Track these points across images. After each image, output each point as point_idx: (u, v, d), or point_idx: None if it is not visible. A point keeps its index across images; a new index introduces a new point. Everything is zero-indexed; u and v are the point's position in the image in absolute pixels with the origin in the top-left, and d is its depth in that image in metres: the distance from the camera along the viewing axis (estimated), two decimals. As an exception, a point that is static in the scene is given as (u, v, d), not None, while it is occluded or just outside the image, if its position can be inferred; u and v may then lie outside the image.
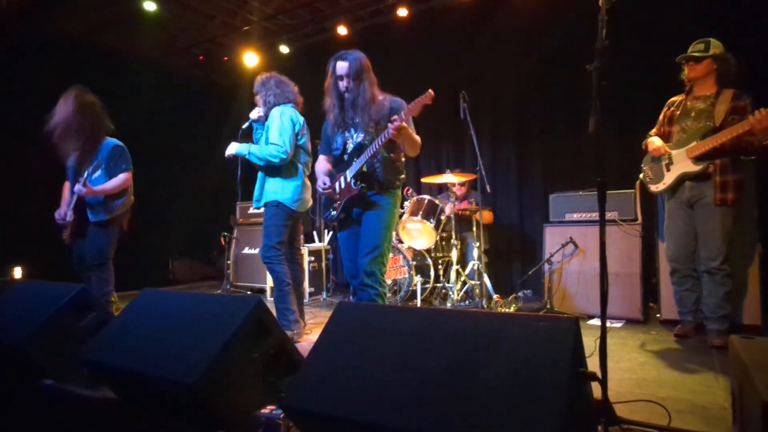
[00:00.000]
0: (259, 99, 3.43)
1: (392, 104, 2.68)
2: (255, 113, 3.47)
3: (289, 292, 3.27)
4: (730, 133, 2.76)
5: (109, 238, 3.48)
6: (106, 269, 3.43)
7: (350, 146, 2.71)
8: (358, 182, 2.61)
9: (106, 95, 5.97)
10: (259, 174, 3.40)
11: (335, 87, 2.69)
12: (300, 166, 3.38)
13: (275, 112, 3.30)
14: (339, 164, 2.78)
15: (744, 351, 1.40)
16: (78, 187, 3.28)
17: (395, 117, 2.42)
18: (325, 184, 2.76)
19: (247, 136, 3.51)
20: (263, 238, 3.31)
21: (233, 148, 3.30)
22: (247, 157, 3.28)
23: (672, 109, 3.16)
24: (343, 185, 2.68)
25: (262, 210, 3.37)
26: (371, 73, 2.69)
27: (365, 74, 2.66)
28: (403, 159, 2.79)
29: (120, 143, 3.64)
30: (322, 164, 2.90)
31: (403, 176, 2.78)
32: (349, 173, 2.65)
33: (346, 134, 2.74)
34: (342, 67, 2.66)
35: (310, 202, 3.47)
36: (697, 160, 2.93)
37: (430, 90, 2.38)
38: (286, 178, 3.30)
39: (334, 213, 2.75)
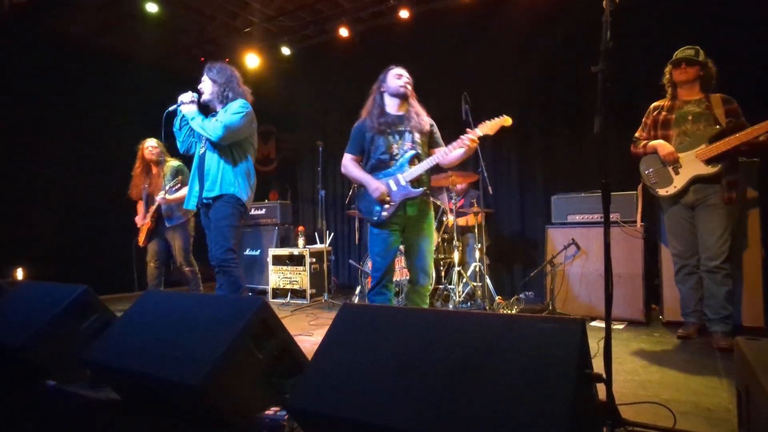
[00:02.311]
0: (209, 84, 3.14)
1: (429, 118, 2.93)
2: (188, 96, 3.13)
3: None
4: (748, 135, 2.78)
5: (187, 237, 4.35)
6: (190, 264, 4.35)
7: (397, 151, 2.80)
8: (417, 186, 2.76)
9: (107, 96, 6.04)
10: (218, 160, 3.04)
11: (394, 87, 2.84)
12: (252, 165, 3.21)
13: (234, 102, 3.06)
14: (382, 168, 2.82)
15: (750, 353, 1.39)
16: (159, 197, 4.16)
17: (470, 130, 2.69)
18: (384, 185, 2.78)
19: (170, 120, 3.25)
20: (217, 237, 3.00)
21: (187, 106, 3.06)
22: (189, 118, 3.05)
23: (664, 113, 3.16)
24: (396, 187, 2.76)
25: (261, 210, 3.18)
26: None
27: None
28: None
29: (180, 163, 4.42)
30: (356, 164, 2.92)
31: None
32: (405, 178, 2.75)
33: (390, 139, 2.81)
34: (402, 73, 2.88)
35: None
36: (709, 162, 2.94)
37: (508, 117, 2.72)
38: (245, 173, 3.10)
39: (385, 213, 2.75)
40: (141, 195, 4.44)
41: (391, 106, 2.87)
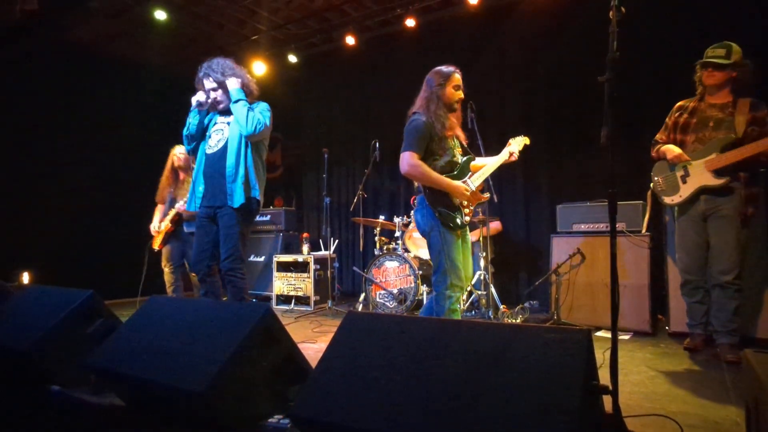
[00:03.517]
0: (236, 81, 3.03)
1: None
2: (202, 96, 3.04)
3: None
4: (758, 147, 2.66)
5: None
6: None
7: (457, 156, 2.76)
8: (483, 192, 2.81)
9: (115, 102, 6.09)
10: (235, 163, 2.91)
11: (454, 95, 2.73)
12: None
13: (260, 103, 3.07)
14: (447, 172, 2.70)
15: (759, 365, 1.38)
16: (179, 204, 4.17)
17: (512, 143, 2.93)
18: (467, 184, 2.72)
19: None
20: (228, 244, 2.86)
21: (232, 82, 2.95)
22: (234, 99, 2.91)
23: (685, 116, 3.02)
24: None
25: (266, 216, 3.03)
26: None
27: None
28: None
29: None
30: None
31: None
32: (474, 184, 2.73)
33: (451, 142, 2.76)
34: (461, 79, 2.77)
35: None
36: (717, 173, 2.82)
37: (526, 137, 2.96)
38: (260, 177, 2.99)
39: (467, 218, 2.70)
40: (165, 199, 4.42)
41: (454, 113, 2.77)
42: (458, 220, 2.66)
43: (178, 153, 4.42)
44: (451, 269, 2.61)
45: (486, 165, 2.86)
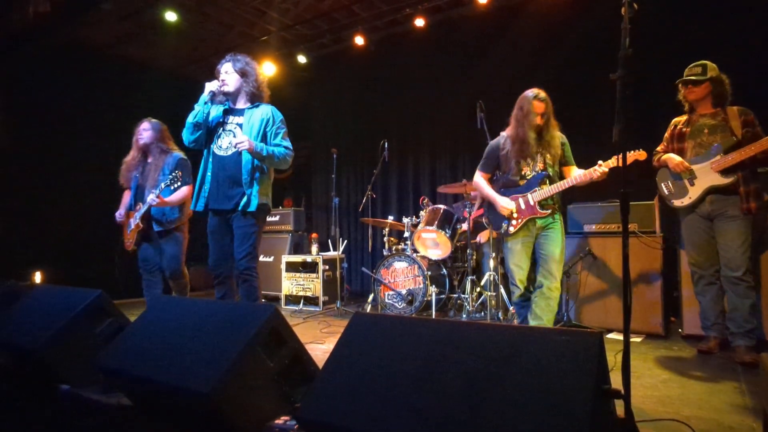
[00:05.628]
0: (236, 77, 3.14)
1: (561, 139, 3.09)
2: (215, 85, 3.05)
3: None
4: (763, 146, 2.79)
5: (180, 246, 3.75)
6: (182, 276, 3.77)
7: (528, 173, 3.01)
8: (544, 207, 2.95)
9: (126, 104, 6.14)
10: (251, 167, 2.96)
11: (533, 120, 2.95)
12: None
13: (275, 112, 3.15)
14: (512, 186, 3.05)
15: (777, 370, 1.34)
16: (152, 197, 3.40)
17: (602, 163, 2.88)
18: (512, 203, 3.01)
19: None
20: (245, 245, 2.92)
21: (249, 144, 2.83)
22: (263, 156, 2.91)
23: (680, 127, 3.20)
24: (524, 206, 2.97)
25: (275, 217, 3.10)
26: None
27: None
28: None
29: (183, 156, 3.74)
30: (486, 182, 3.16)
31: None
32: (534, 198, 2.95)
33: (523, 162, 3.01)
34: (541, 106, 2.98)
35: None
36: (724, 173, 2.94)
37: (643, 151, 2.80)
38: (271, 178, 3.13)
39: (511, 229, 2.99)
40: (129, 184, 3.76)
41: (531, 135, 2.96)
42: (502, 230, 3.04)
43: (140, 128, 3.73)
44: (509, 272, 3.05)
45: (566, 179, 2.99)
